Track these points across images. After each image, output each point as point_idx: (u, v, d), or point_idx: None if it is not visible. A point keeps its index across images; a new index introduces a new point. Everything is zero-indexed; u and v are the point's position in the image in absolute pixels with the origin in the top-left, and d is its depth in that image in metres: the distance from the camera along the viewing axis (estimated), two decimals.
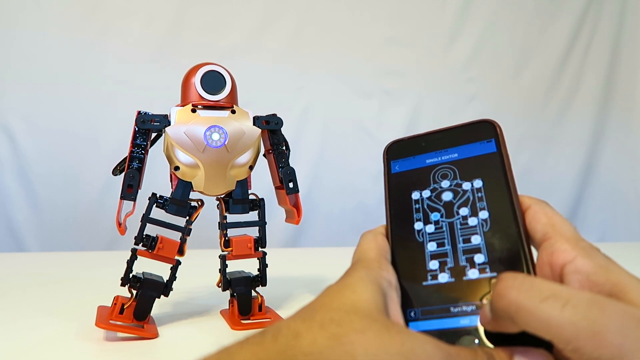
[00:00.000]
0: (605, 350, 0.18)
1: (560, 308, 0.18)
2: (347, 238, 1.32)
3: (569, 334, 0.18)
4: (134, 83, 1.22)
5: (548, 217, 0.24)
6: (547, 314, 0.19)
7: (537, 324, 0.19)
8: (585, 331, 0.18)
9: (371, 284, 0.22)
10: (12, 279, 0.72)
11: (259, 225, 0.53)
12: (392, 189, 0.30)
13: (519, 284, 0.20)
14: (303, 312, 0.21)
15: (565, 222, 0.24)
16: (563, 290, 0.19)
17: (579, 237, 0.23)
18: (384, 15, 1.39)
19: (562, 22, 1.49)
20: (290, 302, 0.60)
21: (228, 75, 0.51)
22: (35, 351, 0.44)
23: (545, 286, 0.20)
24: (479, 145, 0.28)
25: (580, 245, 0.23)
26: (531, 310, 0.19)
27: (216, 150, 0.49)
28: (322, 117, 1.35)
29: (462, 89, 1.43)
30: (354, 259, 0.26)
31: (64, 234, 1.20)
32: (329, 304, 0.21)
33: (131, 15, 1.24)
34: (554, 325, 0.18)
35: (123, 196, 0.48)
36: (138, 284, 0.48)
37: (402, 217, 0.28)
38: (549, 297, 0.19)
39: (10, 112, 1.18)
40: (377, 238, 0.27)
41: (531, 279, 0.20)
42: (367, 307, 0.21)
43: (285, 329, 0.19)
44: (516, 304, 0.19)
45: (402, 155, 0.31)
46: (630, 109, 1.55)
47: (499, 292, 0.20)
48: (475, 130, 0.28)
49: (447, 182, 0.28)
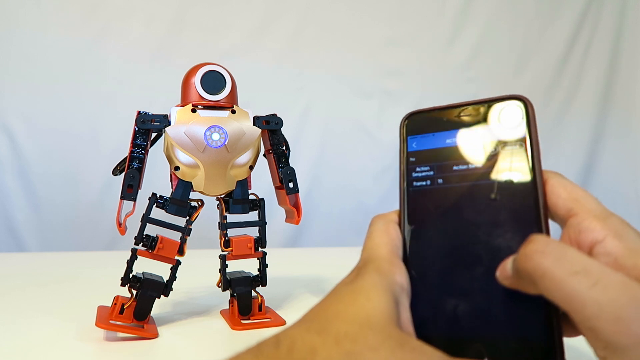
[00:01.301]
0: (624, 338, 0.17)
1: (589, 286, 0.18)
2: (347, 238, 1.32)
3: (590, 313, 0.18)
4: (134, 83, 1.22)
5: (568, 191, 0.23)
6: (573, 288, 0.18)
7: (561, 295, 0.19)
8: (609, 315, 0.17)
9: (385, 291, 0.22)
10: (12, 279, 0.72)
11: (259, 225, 0.53)
12: (407, 171, 0.27)
13: (551, 250, 0.19)
14: (317, 321, 0.20)
15: (588, 196, 0.23)
16: (595, 267, 0.18)
17: (607, 212, 0.22)
18: (384, 15, 1.39)
19: (562, 22, 1.49)
20: (290, 302, 0.60)
21: (228, 75, 0.51)
22: (35, 351, 0.44)
23: (577, 259, 0.19)
24: (507, 128, 0.25)
25: (610, 223, 0.21)
26: (558, 281, 0.19)
27: (216, 150, 0.49)
28: (322, 117, 1.35)
29: (462, 89, 1.43)
30: (363, 253, 0.25)
31: (64, 234, 1.20)
32: (344, 314, 0.20)
33: (131, 15, 1.24)
34: (578, 301, 0.18)
35: (123, 196, 0.48)
36: (138, 284, 0.48)
37: (417, 204, 0.26)
38: (580, 272, 0.18)
39: (10, 112, 1.18)
40: (390, 229, 0.26)
41: (564, 247, 0.20)
42: (381, 320, 0.20)
43: (300, 343, 0.19)
44: (543, 269, 0.19)
45: (421, 131, 0.27)
46: (630, 109, 1.55)
47: (527, 253, 0.20)
48: (503, 108, 0.25)
49: (467, 169, 0.25)
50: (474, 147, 0.25)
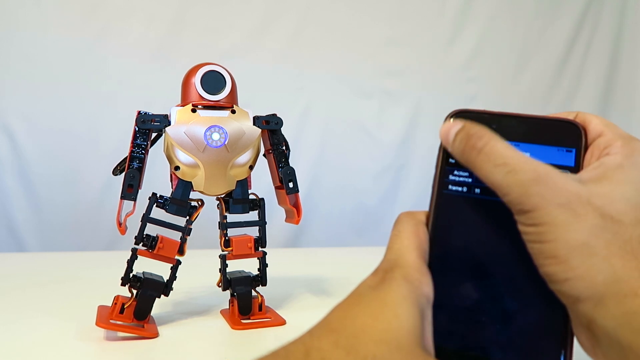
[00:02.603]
0: (526, 202, 0.22)
1: (505, 173, 0.23)
2: (347, 238, 1.32)
3: (505, 191, 0.23)
4: (134, 83, 1.22)
5: (599, 119, 0.26)
6: (494, 176, 0.23)
7: (489, 182, 0.24)
8: (517, 189, 0.22)
9: (413, 305, 0.21)
10: (12, 279, 0.72)
11: (259, 225, 0.53)
12: (443, 171, 0.25)
13: (485, 149, 0.24)
14: (345, 337, 0.20)
15: (616, 127, 0.26)
16: (512, 160, 0.23)
17: (631, 136, 0.25)
18: (384, 15, 1.39)
19: (562, 22, 1.49)
20: (290, 302, 0.60)
21: (228, 75, 0.51)
22: (35, 351, 0.44)
23: (500, 154, 0.23)
24: (556, 152, 0.24)
25: (631, 145, 0.24)
26: (486, 172, 0.23)
27: (216, 150, 0.49)
28: (322, 117, 1.35)
29: (462, 89, 1.43)
30: (391, 253, 0.24)
31: (64, 234, 1.20)
32: (372, 330, 0.20)
33: (131, 15, 1.23)
34: (498, 185, 0.23)
35: (123, 196, 0.48)
36: (138, 283, 0.48)
37: (448, 210, 0.25)
38: (500, 165, 0.23)
39: (10, 112, 1.17)
40: (419, 231, 0.24)
41: (494, 146, 0.24)
42: (408, 341, 0.20)
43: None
44: (474, 163, 0.24)
45: None
46: (630, 109, 1.55)
47: (461, 140, 0.24)
48: (557, 129, 0.24)
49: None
50: None
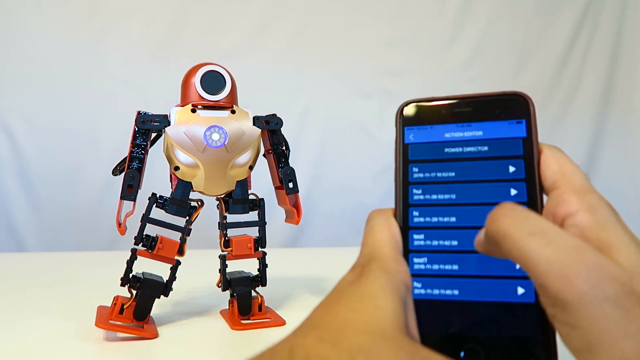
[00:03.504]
0: (568, 294, 0.19)
1: (543, 245, 0.19)
2: (347, 238, 1.32)
3: (542, 270, 0.19)
4: (134, 83, 1.22)
5: (559, 165, 0.24)
6: (529, 247, 0.19)
7: (518, 253, 0.20)
8: (557, 272, 0.19)
9: (392, 294, 0.21)
10: (12, 279, 0.72)
11: (259, 225, 0.53)
12: (403, 163, 0.26)
13: (514, 214, 0.21)
14: (329, 332, 0.20)
15: (577, 171, 0.23)
16: (551, 230, 0.20)
17: (588, 188, 0.23)
18: (384, 15, 1.39)
19: (562, 22, 1.49)
20: (290, 302, 0.60)
21: (228, 76, 0.51)
22: (35, 351, 0.44)
23: (537, 222, 0.20)
24: (507, 125, 0.25)
25: (587, 198, 0.22)
26: (516, 240, 0.20)
27: (216, 150, 0.49)
28: (322, 117, 1.35)
29: (462, 89, 1.42)
30: (365, 248, 0.24)
31: (64, 234, 1.20)
32: (354, 322, 0.20)
33: (131, 15, 1.24)
34: (532, 259, 0.19)
35: (123, 196, 0.48)
36: (138, 284, 0.48)
37: (414, 199, 0.25)
38: (537, 233, 0.20)
39: (10, 112, 1.18)
40: (391, 225, 0.25)
41: (527, 212, 0.21)
42: (391, 329, 0.20)
43: (315, 356, 0.19)
44: (504, 230, 0.20)
45: (418, 122, 0.26)
46: (630, 109, 1.55)
47: (493, 216, 0.21)
48: (505, 104, 0.25)
49: (466, 165, 0.25)
50: (474, 140, 0.25)
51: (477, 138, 0.25)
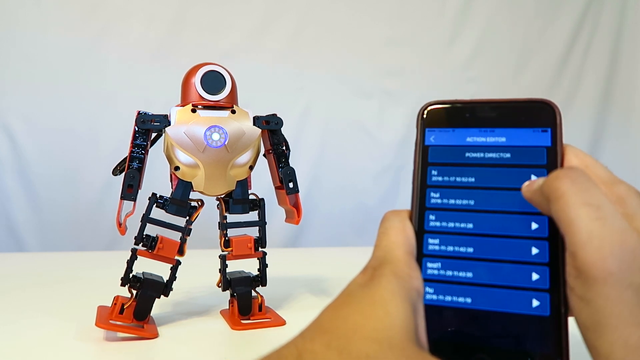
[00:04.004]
0: (595, 270, 0.19)
1: (593, 218, 0.20)
2: (347, 238, 1.32)
3: (580, 240, 0.19)
4: (134, 83, 1.22)
5: (580, 159, 0.23)
6: (578, 215, 0.20)
7: (564, 216, 0.20)
8: (594, 246, 0.19)
9: (403, 301, 0.21)
10: (12, 279, 0.72)
11: (259, 225, 0.53)
12: (422, 165, 0.25)
13: (578, 180, 0.21)
14: (337, 338, 0.20)
15: (598, 164, 0.23)
16: (607, 207, 0.20)
17: (614, 178, 0.23)
18: (384, 15, 1.39)
19: (562, 22, 1.49)
20: (290, 302, 0.60)
21: (228, 75, 0.51)
22: (35, 351, 0.44)
23: (596, 195, 0.20)
24: (532, 133, 0.24)
25: (616, 189, 0.22)
26: (569, 205, 0.20)
27: (216, 150, 0.49)
28: (322, 117, 1.35)
29: (462, 89, 1.43)
30: (379, 250, 0.23)
31: (64, 234, 1.20)
32: (363, 329, 0.20)
33: (131, 15, 1.23)
34: (577, 226, 0.20)
35: (123, 196, 0.48)
36: (138, 284, 0.48)
37: (431, 203, 0.25)
38: (592, 205, 0.20)
39: (10, 112, 1.18)
40: (406, 228, 0.24)
41: (590, 182, 0.21)
42: (400, 338, 0.20)
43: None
44: (562, 192, 0.21)
45: (440, 124, 0.26)
46: (630, 109, 1.55)
47: (557, 174, 0.21)
48: (531, 111, 0.24)
49: (487, 171, 0.24)
50: (497, 147, 0.25)
51: (499, 144, 0.25)
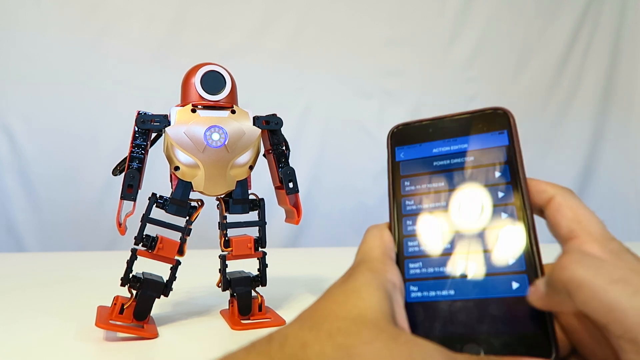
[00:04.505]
0: None
1: (630, 294, 0.18)
2: (347, 238, 1.32)
3: (631, 322, 0.17)
4: (134, 83, 1.22)
5: (574, 212, 0.23)
6: (613, 297, 0.18)
7: (600, 305, 0.18)
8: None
9: (377, 289, 0.22)
10: (12, 279, 0.72)
11: (259, 225, 0.53)
12: (395, 178, 0.28)
13: (587, 261, 0.19)
14: (310, 320, 0.21)
15: (593, 218, 0.22)
16: (633, 277, 0.18)
17: (608, 236, 0.22)
18: (384, 15, 1.39)
19: (562, 22, 1.49)
20: (290, 302, 0.60)
21: (228, 76, 0.51)
22: (35, 351, 0.44)
23: (616, 269, 0.19)
24: (490, 137, 0.26)
25: (609, 248, 0.21)
26: (596, 289, 0.18)
27: (216, 150, 0.49)
28: (322, 117, 1.35)
29: (462, 89, 1.43)
30: (357, 256, 0.25)
31: (64, 234, 1.20)
32: (336, 312, 0.21)
33: (131, 15, 1.24)
34: (619, 310, 0.18)
35: (123, 196, 0.48)
36: (138, 284, 0.48)
37: (406, 210, 0.27)
38: (619, 281, 0.18)
39: (10, 112, 1.18)
40: (383, 234, 0.26)
41: (599, 259, 0.20)
42: (374, 315, 0.20)
43: (292, 338, 0.19)
44: (580, 279, 0.19)
45: (408, 142, 0.28)
46: (630, 109, 1.55)
47: (563, 264, 0.19)
48: (487, 119, 0.27)
49: (454, 175, 0.26)
50: (460, 152, 0.27)
51: (463, 150, 0.27)
